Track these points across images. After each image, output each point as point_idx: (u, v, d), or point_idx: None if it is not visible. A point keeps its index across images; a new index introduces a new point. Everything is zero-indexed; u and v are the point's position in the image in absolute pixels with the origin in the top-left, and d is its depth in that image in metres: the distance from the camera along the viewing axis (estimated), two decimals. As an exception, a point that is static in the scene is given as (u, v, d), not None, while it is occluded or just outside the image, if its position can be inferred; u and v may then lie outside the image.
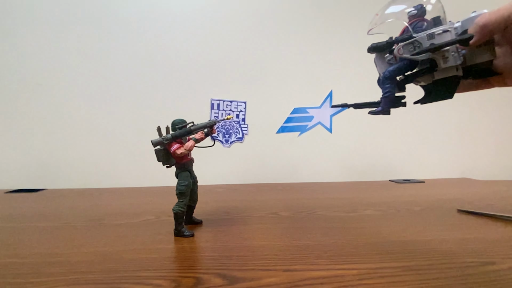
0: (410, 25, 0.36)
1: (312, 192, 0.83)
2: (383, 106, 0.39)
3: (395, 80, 0.38)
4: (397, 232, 0.47)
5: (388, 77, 0.38)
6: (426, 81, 0.37)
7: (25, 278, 0.33)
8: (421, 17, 0.36)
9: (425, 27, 0.35)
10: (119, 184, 0.97)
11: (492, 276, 0.32)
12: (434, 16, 0.35)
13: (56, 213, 0.62)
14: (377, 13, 0.39)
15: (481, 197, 0.72)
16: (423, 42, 0.34)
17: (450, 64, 0.34)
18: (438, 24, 0.35)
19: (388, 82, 0.38)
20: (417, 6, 0.36)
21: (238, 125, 0.58)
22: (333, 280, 0.31)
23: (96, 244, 0.43)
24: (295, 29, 1.07)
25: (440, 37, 0.33)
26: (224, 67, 1.02)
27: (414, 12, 0.36)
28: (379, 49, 0.39)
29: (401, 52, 0.36)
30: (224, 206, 0.66)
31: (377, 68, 0.40)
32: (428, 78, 0.37)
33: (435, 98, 0.37)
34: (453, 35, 0.33)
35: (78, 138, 0.99)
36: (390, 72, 0.38)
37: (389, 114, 0.40)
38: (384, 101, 0.39)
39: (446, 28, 0.33)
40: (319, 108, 0.55)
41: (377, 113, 0.40)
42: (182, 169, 0.47)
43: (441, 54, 0.34)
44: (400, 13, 0.37)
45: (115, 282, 0.32)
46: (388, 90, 0.38)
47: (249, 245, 0.42)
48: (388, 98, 0.39)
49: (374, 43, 0.39)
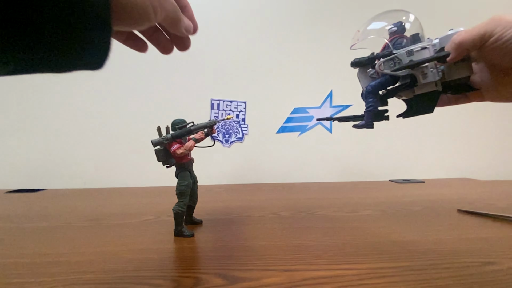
0: (390, 41, 0.37)
1: (312, 192, 0.83)
2: (367, 120, 0.40)
3: (378, 95, 0.40)
4: (397, 232, 0.47)
5: (371, 92, 0.39)
6: (408, 95, 0.39)
7: (25, 278, 0.33)
8: (401, 34, 0.37)
9: (405, 44, 0.37)
10: (119, 184, 0.97)
11: (492, 276, 0.32)
12: (413, 33, 0.37)
13: (56, 213, 0.62)
14: (358, 29, 0.40)
15: (481, 197, 0.72)
16: (402, 59, 0.36)
17: (429, 80, 0.35)
18: (417, 41, 0.36)
19: (371, 96, 0.39)
20: (397, 24, 0.37)
21: (238, 125, 0.58)
22: (333, 280, 0.31)
23: (96, 244, 0.43)
24: (295, 29, 1.07)
25: (418, 54, 0.35)
26: (224, 67, 1.02)
27: (394, 29, 0.38)
28: (362, 64, 0.40)
29: (381, 68, 0.37)
30: (224, 206, 0.66)
31: (360, 83, 0.42)
32: (409, 92, 0.38)
33: (416, 112, 0.39)
34: (431, 52, 0.35)
35: (78, 138, 0.99)
36: (372, 87, 0.39)
37: (373, 127, 0.41)
38: (367, 115, 0.40)
39: (424, 45, 0.35)
40: (319, 108, 0.55)
41: (360, 127, 0.41)
42: (182, 169, 0.47)
43: (420, 70, 0.35)
44: (381, 30, 0.38)
45: (115, 282, 0.32)
46: (371, 105, 0.39)
47: (249, 245, 0.42)
48: (371, 112, 0.40)
49: (356, 58, 0.40)
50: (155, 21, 0.21)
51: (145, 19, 0.20)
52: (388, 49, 0.37)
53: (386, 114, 0.41)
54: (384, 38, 0.38)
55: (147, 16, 0.20)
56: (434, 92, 0.36)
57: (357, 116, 0.43)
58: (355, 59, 0.40)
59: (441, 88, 0.36)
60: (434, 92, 0.36)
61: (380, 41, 0.38)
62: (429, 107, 0.37)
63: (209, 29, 1.03)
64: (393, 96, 0.40)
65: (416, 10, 0.39)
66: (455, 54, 0.31)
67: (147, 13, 0.20)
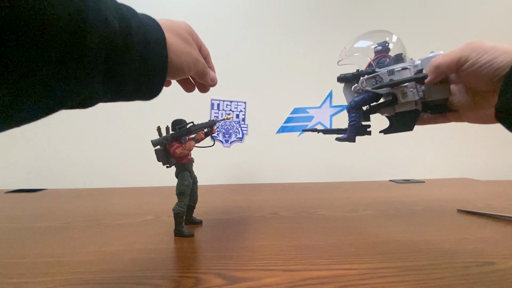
0: (374, 60, 0.39)
1: (312, 192, 0.83)
2: (349, 133, 0.42)
3: (361, 110, 0.41)
4: (397, 232, 0.47)
5: (354, 107, 0.41)
6: (389, 112, 0.40)
7: (25, 278, 0.33)
8: (385, 53, 0.39)
9: (387, 63, 0.38)
10: (119, 184, 0.97)
11: (492, 276, 0.32)
12: (397, 53, 0.38)
13: (56, 213, 0.62)
14: (345, 46, 0.42)
15: (481, 197, 0.72)
16: (384, 77, 0.37)
17: (409, 99, 0.37)
18: (400, 61, 0.38)
19: (354, 111, 0.41)
20: (382, 43, 0.39)
21: (238, 125, 0.58)
22: (333, 280, 0.31)
23: (96, 244, 0.43)
24: (295, 29, 1.07)
25: (399, 74, 0.36)
26: (224, 67, 1.02)
27: (379, 48, 0.39)
28: (347, 80, 0.42)
29: (364, 85, 0.39)
30: (224, 206, 0.66)
31: (345, 97, 0.43)
32: (391, 110, 0.40)
33: (396, 129, 0.40)
34: (412, 73, 0.36)
35: (78, 138, 0.99)
36: (355, 103, 0.41)
37: (354, 141, 0.42)
38: (350, 129, 0.42)
39: (405, 66, 0.36)
40: (319, 108, 0.55)
41: (343, 140, 0.43)
42: (182, 169, 0.47)
43: (401, 89, 0.37)
44: (366, 49, 0.40)
45: (115, 282, 0.32)
46: (353, 119, 0.41)
47: (249, 245, 0.42)
48: (354, 127, 0.41)
49: (342, 74, 0.42)
50: (188, 75, 0.32)
51: (182, 74, 0.30)
52: (371, 67, 0.39)
53: (369, 129, 0.43)
54: (368, 56, 0.40)
55: (184, 72, 0.30)
56: (414, 111, 0.38)
57: (340, 129, 0.45)
58: (341, 74, 0.42)
59: (420, 108, 0.38)
60: (414, 111, 0.38)
61: (366, 58, 0.40)
62: (409, 125, 0.39)
63: (209, 29, 1.03)
64: (375, 112, 0.41)
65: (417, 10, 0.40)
66: (433, 76, 0.33)
67: (184, 71, 0.29)
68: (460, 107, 0.36)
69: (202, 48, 0.35)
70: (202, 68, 0.33)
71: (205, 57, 0.36)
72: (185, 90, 0.40)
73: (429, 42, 1.10)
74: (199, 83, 0.39)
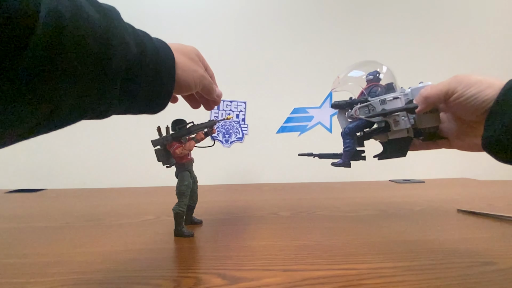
0: (366, 89, 0.41)
1: (312, 192, 0.83)
2: (344, 159, 0.44)
3: (355, 136, 0.43)
4: (397, 232, 0.47)
5: (348, 133, 0.43)
6: (382, 139, 0.42)
7: (25, 278, 0.33)
8: (377, 83, 0.41)
9: (379, 92, 0.40)
10: (119, 184, 0.97)
11: (492, 276, 0.32)
12: (388, 82, 0.40)
13: (56, 213, 0.62)
14: (338, 75, 0.44)
15: (481, 197, 0.72)
16: (376, 106, 0.39)
17: (401, 127, 0.38)
18: (391, 90, 0.40)
19: (348, 137, 0.43)
20: (373, 73, 0.41)
21: (238, 125, 0.58)
22: (333, 280, 0.31)
23: (96, 244, 0.43)
24: (296, 29, 1.07)
25: (391, 103, 0.38)
26: (224, 67, 1.02)
27: (371, 78, 0.41)
28: (341, 107, 0.44)
29: (357, 114, 0.41)
30: (224, 206, 0.66)
31: (339, 123, 0.45)
32: (384, 136, 0.41)
33: (389, 155, 0.42)
34: (403, 102, 0.38)
35: (78, 138, 0.99)
36: (349, 129, 0.43)
37: (350, 167, 0.44)
38: (345, 155, 0.44)
39: (396, 95, 0.38)
40: (319, 108, 0.56)
41: (338, 165, 0.45)
42: (182, 169, 0.47)
43: (393, 118, 0.38)
44: (359, 79, 0.42)
45: (115, 282, 0.32)
46: (348, 145, 0.43)
47: (249, 245, 0.42)
48: (349, 152, 0.43)
49: (336, 101, 0.44)
50: (195, 91, 0.34)
51: (189, 89, 0.32)
52: (364, 95, 0.41)
53: (363, 154, 0.45)
54: (360, 86, 0.42)
55: (190, 87, 0.32)
56: (406, 138, 0.39)
57: (336, 154, 0.47)
58: (335, 101, 0.44)
59: (412, 135, 0.39)
60: (406, 138, 0.39)
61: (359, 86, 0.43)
62: (401, 151, 0.41)
63: (209, 29, 1.03)
64: (369, 139, 0.43)
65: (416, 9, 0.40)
66: (422, 106, 0.34)
67: (190, 86, 0.32)
68: (449, 134, 0.38)
69: (207, 69, 0.38)
70: (208, 84, 0.36)
71: (210, 77, 0.38)
72: (191, 106, 0.43)
73: (428, 42, 1.10)
74: (204, 100, 0.42)
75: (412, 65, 1.05)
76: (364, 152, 0.45)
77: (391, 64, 0.42)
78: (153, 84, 0.27)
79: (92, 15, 0.20)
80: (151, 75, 0.26)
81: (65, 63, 0.18)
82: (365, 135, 0.43)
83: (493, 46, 1.13)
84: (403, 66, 1.12)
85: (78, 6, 0.18)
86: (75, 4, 0.18)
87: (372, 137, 0.43)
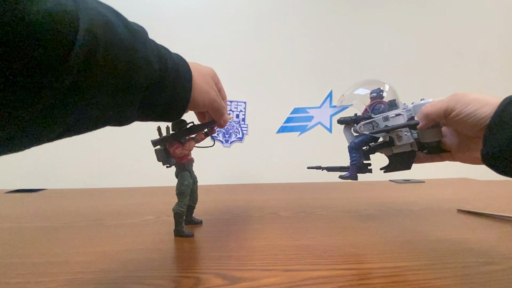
0: (370, 106, 0.43)
1: (312, 192, 0.83)
2: (351, 172, 0.46)
3: (361, 150, 0.45)
4: (397, 232, 0.47)
5: (354, 148, 0.45)
6: (387, 153, 0.44)
7: (25, 278, 0.33)
8: (380, 100, 0.43)
9: (382, 109, 0.42)
10: (119, 184, 0.97)
11: (492, 276, 0.32)
12: (390, 99, 0.42)
13: (56, 213, 0.62)
14: (343, 93, 0.47)
15: (481, 197, 0.72)
16: (379, 123, 0.41)
17: (404, 142, 0.40)
18: (394, 107, 0.42)
19: (355, 152, 0.45)
20: (376, 90, 0.43)
21: (238, 125, 0.58)
22: (333, 280, 0.31)
23: (96, 244, 0.43)
24: (296, 29, 1.07)
25: (393, 120, 0.40)
26: (224, 67, 1.02)
27: (374, 95, 0.43)
28: (346, 123, 0.46)
29: (361, 130, 0.43)
30: (224, 206, 0.66)
31: (346, 138, 0.47)
32: (389, 150, 0.43)
33: (395, 168, 0.44)
34: (405, 118, 0.39)
35: (78, 138, 0.98)
36: (355, 144, 0.45)
37: (357, 179, 0.46)
38: (351, 168, 0.46)
39: (399, 112, 0.40)
40: (319, 108, 0.55)
41: (346, 178, 0.47)
42: (182, 169, 0.47)
43: (396, 133, 0.40)
44: (363, 96, 0.45)
45: (115, 282, 0.32)
46: (355, 159, 0.45)
47: (249, 245, 0.42)
48: (356, 166, 0.45)
49: (342, 117, 0.47)
50: (203, 110, 0.37)
51: (197, 109, 0.36)
52: (367, 113, 0.43)
53: (370, 167, 0.47)
54: (364, 103, 0.44)
55: (199, 107, 0.35)
56: (411, 152, 0.42)
57: (343, 167, 0.48)
58: (341, 117, 0.47)
59: (416, 149, 0.41)
60: (411, 152, 0.42)
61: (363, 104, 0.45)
62: (406, 164, 0.43)
63: (209, 29, 1.03)
64: (374, 153, 0.45)
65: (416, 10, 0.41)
66: (424, 123, 0.36)
67: (199, 105, 0.34)
68: (452, 148, 0.40)
69: (221, 91, 0.41)
70: (217, 107, 0.38)
71: (222, 99, 0.41)
72: (198, 119, 0.46)
73: (429, 41, 1.10)
74: (211, 116, 0.43)
75: (412, 65, 1.05)
76: (370, 165, 0.47)
77: (391, 64, 0.42)
78: (170, 100, 0.29)
79: (120, 33, 0.21)
80: (169, 92, 0.29)
81: (94, 79, 0.19)
82: (371, 149, 0.45)
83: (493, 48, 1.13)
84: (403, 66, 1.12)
85: (110, 25, 0.20)
86: (107, 22, 0.20)
87: (377, 151, 0.45)
